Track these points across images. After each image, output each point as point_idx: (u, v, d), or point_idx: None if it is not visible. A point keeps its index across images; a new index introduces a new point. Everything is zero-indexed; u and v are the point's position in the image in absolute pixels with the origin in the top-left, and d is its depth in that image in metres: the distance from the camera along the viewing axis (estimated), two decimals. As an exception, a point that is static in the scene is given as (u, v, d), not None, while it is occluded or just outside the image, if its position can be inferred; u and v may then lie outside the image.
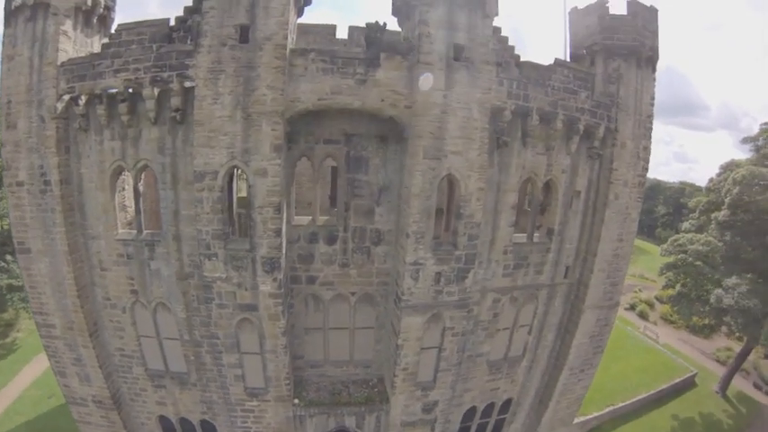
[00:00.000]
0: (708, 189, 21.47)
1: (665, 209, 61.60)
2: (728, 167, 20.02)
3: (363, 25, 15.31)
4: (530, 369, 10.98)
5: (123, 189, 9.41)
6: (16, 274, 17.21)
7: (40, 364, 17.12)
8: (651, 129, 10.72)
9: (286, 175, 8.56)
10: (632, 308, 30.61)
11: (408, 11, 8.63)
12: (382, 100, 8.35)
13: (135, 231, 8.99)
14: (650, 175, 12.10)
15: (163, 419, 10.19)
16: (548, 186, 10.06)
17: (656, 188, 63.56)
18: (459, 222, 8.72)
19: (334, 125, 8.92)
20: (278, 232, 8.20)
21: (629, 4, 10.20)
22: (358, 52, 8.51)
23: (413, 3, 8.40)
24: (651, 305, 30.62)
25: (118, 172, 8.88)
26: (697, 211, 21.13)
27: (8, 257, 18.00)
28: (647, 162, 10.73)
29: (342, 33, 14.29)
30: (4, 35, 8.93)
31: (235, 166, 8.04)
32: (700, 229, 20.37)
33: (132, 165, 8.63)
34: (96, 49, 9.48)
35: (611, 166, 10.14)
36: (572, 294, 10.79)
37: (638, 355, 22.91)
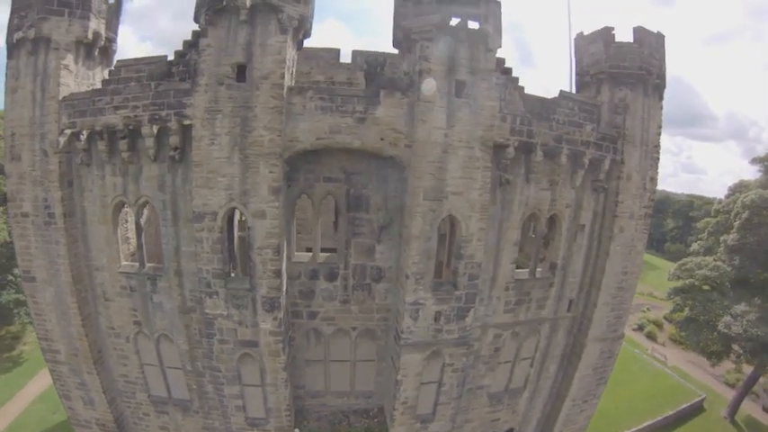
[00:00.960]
0: (716, 210, 20.88)
1: (673, 222, 60.34)
2: (737, 189, 19.42)
3: (366, 49, 14.97)
4: (531, 400, 10.95)
5: (126, 222, 9.46)
6: (23, 288, 17.55)
7: (45, 379, 17.63)
8: (658, 159, 10.39)
9: (286, 213, 8.52)
10: (640, 328, 30.17)
11: (409, 45, 8.43)
12: (382, 139, 8.20)
13: (137, 264, 9.05)
14: (659, 186, 11.75)
15: (166, 443, 10.42)
16: (551, 220, 9.83)
17: (665, 201, 62.29)
18: (459, 262, 8.62)
19: (333, 162, 8.82)
20: (277, 273, 8.20)
21: (635, 30, 9.81)
22: (357, 90, 8.41)
23: (413, 37, 8.17)
24: (660, 325, 30.09)
25: (120, 206, 8.92)
26: (705, 233, 20.61)
27: (15, 271, 18.41)
28: (654, 193, 10.48)
29: (345, 56, 14.04)
30: (7, 67, 8.96)
31: (234, 208, 7.97)
32: (708, 251, 19.91)
33: (133, 201, 8.68)
34: (98, 81, 9.50)
35: (617, 199, 9.88)
36: (575, 327, 10.66)
37: (644, 379, 22.60)
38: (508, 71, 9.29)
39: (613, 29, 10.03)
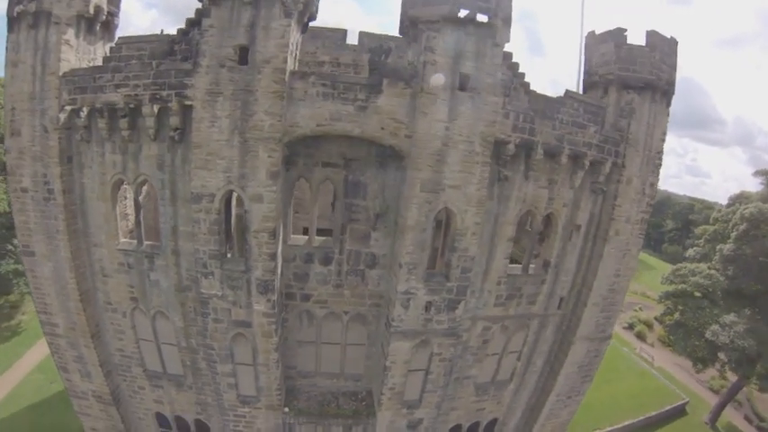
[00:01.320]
0: (715, 219, 20.98)
1: (673, 224, 60.52)
2: (738, 199, 19.48)
3: (373, 32, 14.78)
4: (517, 392, 11.29)
5: (125, 198, 9.55)
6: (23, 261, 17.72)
7: (43, 348, 17.99)
8: (660, 165, 10.42)
9: (283, 197, 8.60)
10: (630, 327, 30.64)
11: (416, 33, 8.35)
12: (382, 128, 8.23)
13: (135, 242, 9.19)
14: (661, 186, 11.76)
15: (159, 416, 10.84)
16: (548, 218, 9.94)
17: (666, 202, 62.38)
18: (452, 255, 8.77)
19: (333, 148, 8.86)
20: (272, 256, 8.36)
21: (648, 34, 9.69)
22: (360, 78, 8.38)
23: (420, 27, 8.10)
24: (650, 326, 30.55)
25: (119, 183, 9.00)
26: (703, 240, 20.76)
27: (14, 242, 18.53)
28: (653, 198, 10.56)
29: (352, 39, 13.88)
30: (7, 40, 8.89)
31: (232, 190, 8.05)
32: (705, 257, 20.07)
33: (132, 179, 8.77)
34: (99, 55, 9.47)
35: (615, 203, 9.95)
36: (564, 324, 10.90)
37: (630, 379, 23.11)
38: (514, 66, 9.22)
39: (626, 30, 9.89)
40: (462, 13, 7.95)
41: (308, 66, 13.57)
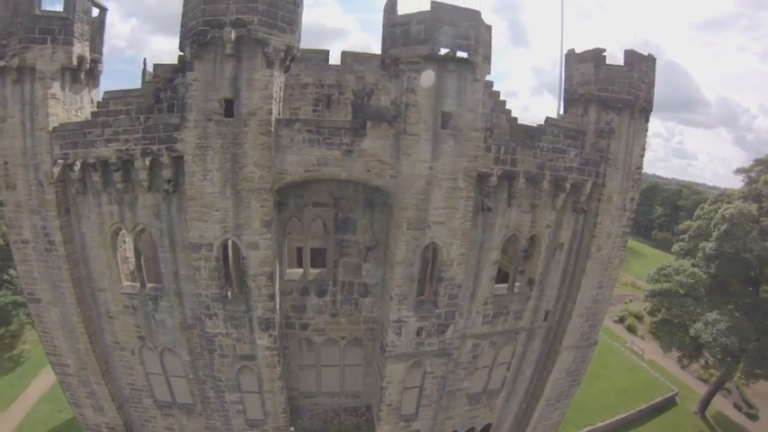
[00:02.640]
0: (698, 216, 21.99)
1: (662, 210, 62.09)
2: (720, 198, 20.39)
3: (355, 50, 15.21)
4: (508, 399, 12.50)
5: (124, 242, 10.22)
6: (21, 289, 18.39)
7: (48, 377, 18.81)
8: (640, 179, 11.22)
9: (277, 237, 9.34)
10: (621, 320, 32.04)
11: (396, 71, 8.86)
12: (368, 170, 8.92)
13: (138, 285, 9.97)
14: (649, 170, 12.52)
15: (173, 440, 11.91)
16: (531, 239, 10.76)
17: (654, 189, 63.83)
18: (440, 284, 9.67)
19: (322, 189, 9.58)
20: (271, 296, 9.22)
21: (626, 54, 10.26)
22: (344, 122, 8.94)
23: (401, 67, 8.63)
24: (640, 318, 31.97)
25: (117, 231, 9.68)
26: (687, 236, 21.82)
27: (11, 272, 19.13)
28: (633, 212, 11.36)
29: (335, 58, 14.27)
30: (-9, 94, 9.24)
31: (228, 239, 8.78)
32: (689, 252, 21.19)
33: (131, 227, 9.48)
34: (86, 103, 9.96)
35: (596, 220, 10.80)
36: (550, 335, 11.97)
37: (621, 373, 24.58)
38: (496, 94, 9.84)
39: (604, 51, 10.44)
40: (442, 52, 8.46)
41: (292, 89, 14.00)
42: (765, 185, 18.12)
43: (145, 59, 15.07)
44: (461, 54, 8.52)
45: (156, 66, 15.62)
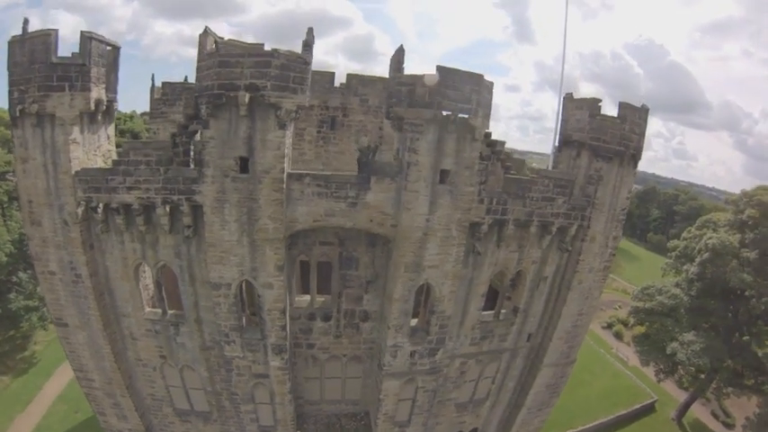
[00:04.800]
0: (684, 238, 24.09)
1: (658, 212, 64.75)
2: (706, 224, 22.36)
3: (359, 72, 16.25)
4: (492, 407, 15.09)
5: (144, 271, 11.85)
6: (30, 292, 19.94)
7: (62, 377, 20.67)
8: (624, 219, 13.03)
9: (287, 271, 11.05)
10: (609, 327, 34.82)
11: (400, 126, 10.23)
12: (371, 220, 10.56)
13: (160, 311, 11.76)
14: (648, 170, 14.29)
15: (191, 442, 14.31)
16: (517, 273, 12.68)
17: (651, 192, 66.12)
18: (432, 316, 11.71)
19: (328, 230, 11.28)
20: (283, 327, 11.17)
21: (620, 106, 11.67)
22: (350, 176, 10.36)
23: (405, 126, 9.99)
24: (627, 324, 34.54)
25: (140, 265, 11.28)
26: (673, 256, 24.07)
27: (21, 275, 20.58)
28: (615, 249, 13.24)
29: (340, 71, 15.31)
30: (13, 135, 10.46)
31: (246, 281, 10.51)
32: (675, 269, 23.55)
33: (153, 264, 11.12)
34: (104, 140, 11.18)
35: (579, 258, 12.69)
36: (532, 354, 14.28)
37: (604, 379, 27.52)
38: (493, 144, 11.32)
39: (600, 101, 11.80)
40: (445, 114, 9.81)
41: (296, 113, 15.03)
42: (749, 218, 20.11)
43: (153, 75, 15.89)
44: (462, 116, 9.88)
45: (164, 84, 16.53)
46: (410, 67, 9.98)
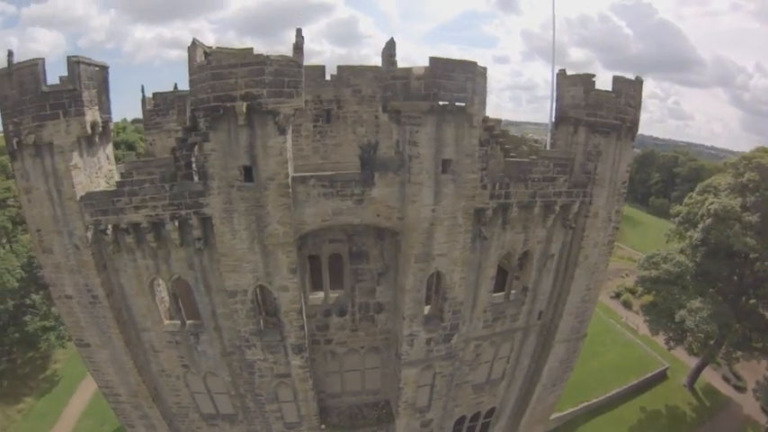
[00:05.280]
0: (687, 203, 24.47)
1: (658, 176, 65.12)
2: (707, 189, 22.70)
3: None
4: (508, 386, 15.72)
5: (159, 284, 12.15)
6: (45, 312, 20.24)
7: (85, 393, 21.26)
8: (625, 192, 13.38)
9: (300, 271, 11.39)
10: (617, 296, 35.32)
11: (398, 119, 10.43)
12: (378, 215, 10.87)
13: (179, 323, 12.12)
14: (645, 132, 14.51)
15: (219, 445, 14.91)
16: (524, 253, 13.07)
17: (650, 156, 66.40)
18: (444, 303, 12.14)
19: (336, 227, 11.57)
20: (302, 327, 11.60)
21: (614, 80, 11.89)
22: (354, 174, 10.57)
23: (402, 120, 10.20)
24: (635, 293, 35.01)
25: (154, 280, 11.58)
26: (676, 222, 24.49)
27: (33, 297, 20.80)
28: (618, 222, 13.61)
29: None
30: (13, 168, 10.58)
31: (261, 286, 10.85)
32: (679, 235, 24.00)
33: (167, 278, 11.43)
34: (103, 160, 11.32)
35: (583, 234, 13.07)
36: (544, 331, 14.79)
37: (615, 350, 28.21)
38: (491, 128, 11.56)
39: (594, 76, 11.96)
40: (441, 104, 9.99)
41: (294, 116, 15.13)
42: (749, 181, 20.45)
43: (143, 87, 15.87)
44: (459, 104, 10.07)
45: (154, 94, 16.53)
46: (398, 50, 10.04)
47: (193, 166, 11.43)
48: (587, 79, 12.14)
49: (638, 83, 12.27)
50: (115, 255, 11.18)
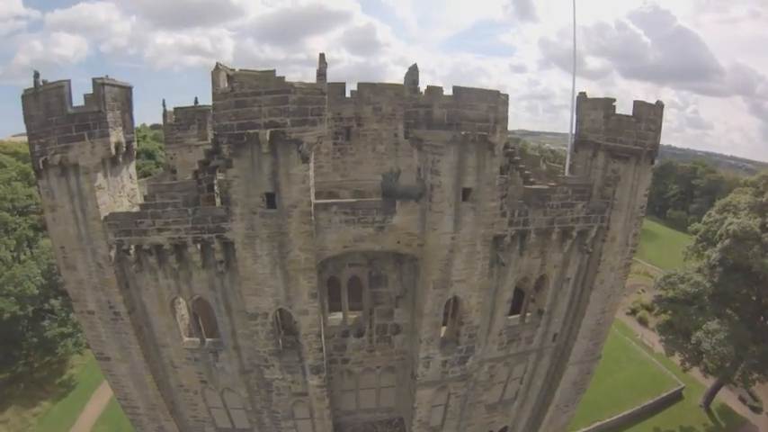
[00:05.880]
0: (704, 222, 24.22)
1: (676, 188, 64.15)
2: (726, 208, 22.46)
3: (372, 81, 16.21)
4: (521, 406, 15.84)
5: (179, 302, 12.35)
6: (63, 319, 20.59)
7: (100, 399, 21.64)
8: (643, 216, 13.29)
9: (319, 294, 11.53)
10: (633, 313, 34.86)
11: (420, 145, 10.47)
12: (398, 242, 10.98)
13: (198, 341, 12.34)
14: (664, 141, 13.83)
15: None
16: (541, 277, 13.10)
17: (668, 167, 65.30)
18: (461, 327, 12.25)
19: (357, 252, 11.57)
20: (320, 349, 11.79)
21: (635, 105, 11.81)
22: (376, 202, 10.66)
23: (425, 148, 10.24)
24: (651, 309, 34.46)
25: (175, 299, 11.78)
26: (694, 240, 24.29)
27: (53, 302, 21.14)
28: (635, 245, 13.56)
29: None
30: (39, 185, 10.78)
31: (281, 309, 11.01)
32: (697, 253, 23.78)
33: (188, 297, 11.63)
34: (126, 180, 11.48)
35: (600, 258, 13.05)
36: (558, 352, 14.85)
37: (630, 369, 27.81)
38: (511, 154, 11.54)
39: (614, 101, 11.88)
40: (464, 133, 10.01)
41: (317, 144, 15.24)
42: None
43: (164, 101, 16.02)
44: (482, 134, 10.08)
45: (175, 109, 16.68)
46: (415, 59, 10.10)
47: (215, 188, 11.59)
48: (608, 104, 12.08)
49: (659, 107, 12.17)
50: (137, 273, 11.39)
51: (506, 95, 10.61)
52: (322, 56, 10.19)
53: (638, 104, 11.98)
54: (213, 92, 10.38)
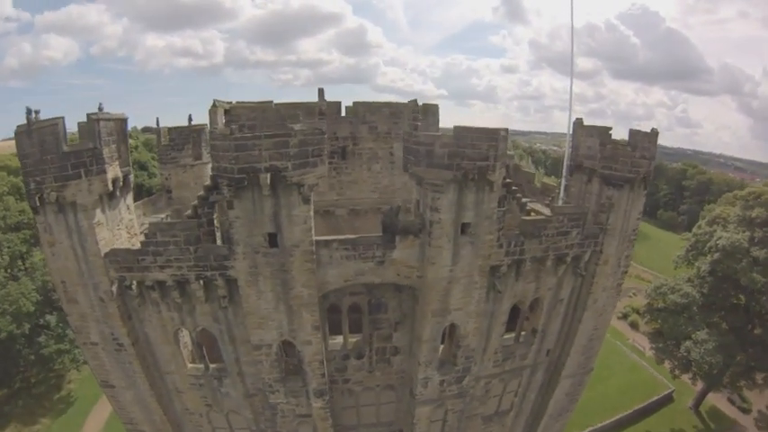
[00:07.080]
0: (694, 233, 24.92)
1: (667, 188, 65.11)
2: (715, 220, 23.09)
3: (366, 99, 16.16)
4: (516, 417, 16.67)
5: (182, 331, 12.60)
6: (59, 335, 20.66)
7: (100, 414, 21.86)
8: (635, 238, 13.76)
9: (321, 321, 11.86)
10: (625, 317, 35.68)
11: (419, 181, 10.68)
12: (398, 274, 11.36)
13: (203, 367, 12.68)
14: None
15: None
16: (535, 300, 13.62)
17: (659, 168, 66.11)
18: (458, 350, 12.80)
19: (357, 282, 11.86)
20: (323, 374, 12.28)
21: (631, 133, 12.13)
22: (376, 237, 10.90)
23: (425, 186, 10.47)
24: (643, 314, 35.22)
25: (179, 330, 12.04)
26: (684, 250, 25.02)
27: (48, 318, 21.14)
28: (627, 267, 14.10)
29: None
30: (36, 220, 10.76)
31: (285, 340, 11.36)
32: (687, 261, 24.58)
33: (192, 329, 11.89)
34: (123, 212, 11.56)
35: (593, 280, 13.58)
36: (551, 366, 15.56)
37: (621, 373, 28.76)
38: (509, 185, 11.80)
39: (610, 129, 12.14)
40: (464, 172, 10.22)
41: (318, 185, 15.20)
42: (757, 217, 20.86)
43: (158, 119, 15.75)
44: (481, 172, 10.30)
45: (170, 129, 16.44)
46: (406, 59, 10.24)
47: (215, 222, 11.69)
48: (604, 132, 12.39)
49: (654, 135, 12.49)
50: (140, 307, 11.58)
51: (506, 130, 10.81)
52: (321, 91, 10.26)
53: (633, 133, 12.29)
54: (211, 131, 10.40)
